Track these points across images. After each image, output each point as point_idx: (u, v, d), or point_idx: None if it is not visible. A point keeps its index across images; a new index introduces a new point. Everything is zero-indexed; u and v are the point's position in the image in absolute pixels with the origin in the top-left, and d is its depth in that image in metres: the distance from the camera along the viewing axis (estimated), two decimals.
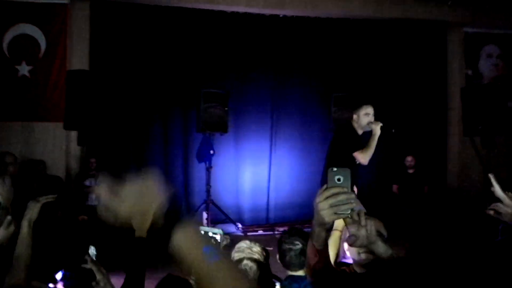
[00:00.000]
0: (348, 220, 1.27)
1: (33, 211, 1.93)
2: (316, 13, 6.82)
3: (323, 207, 1.18)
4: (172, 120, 6.53)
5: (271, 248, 2.60)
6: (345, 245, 2.30)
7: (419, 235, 5.02)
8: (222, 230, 1.63)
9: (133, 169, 6.31)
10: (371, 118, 4.09)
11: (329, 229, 1.34)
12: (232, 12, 6.63)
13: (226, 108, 5.99)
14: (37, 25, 5.98)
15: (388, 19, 7.10)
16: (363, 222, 1.28)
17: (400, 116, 6.77)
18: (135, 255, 2.36)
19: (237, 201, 6.74)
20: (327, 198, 1.18)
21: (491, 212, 2.49)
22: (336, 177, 1.19)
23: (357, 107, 4.20)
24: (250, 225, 6.49)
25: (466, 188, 6.85)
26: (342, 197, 1.17)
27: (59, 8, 6.03)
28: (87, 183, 5.55)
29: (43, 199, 1.99)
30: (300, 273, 2.30)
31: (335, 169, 1.21)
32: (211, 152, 5.75)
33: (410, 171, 6.72)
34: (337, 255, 2.49)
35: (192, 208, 6.38)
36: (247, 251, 2.18)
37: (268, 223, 6.67)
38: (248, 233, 6.10)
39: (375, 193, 6.79)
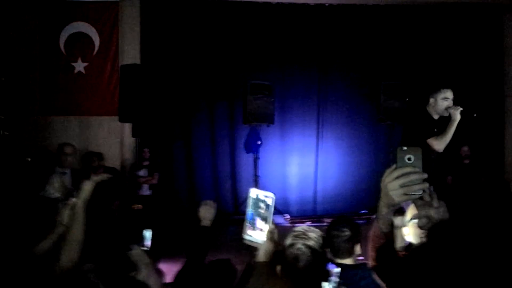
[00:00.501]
0: (419, 201, 1.22)
1: (86, 190, 1.93)
2: (363, 0, 6.65)
3: (393, 187, 1.13)
4: (219, 111, 6.64)
5: None
6: (405, 230, 2.23)
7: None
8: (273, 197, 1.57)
9: (182, 159, 6.50)
10: (450, 102, 3.86)
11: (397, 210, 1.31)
12: (277, 3, 6.60)
13: (272, 99, 5.99)
14: (91, 23, 6.26)
15: (440, 3, 6.80)
16: (436, 203, 1.22)
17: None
18: (200, 242, 2.43)
19: (284, 193, 6.73)
20: (397, 177, 1.12)
21: None
22: (407, 157, 1.14)
23: (435, 90, 4.01)
24: (297, 216, 6.46)
25: None
26: (413, 177, 1.11)
27: (110, 6, 6.27)
28: (140, 173, 5.73)
29: (97, 179, 2.00)
30: (348, 261, 2.26)
31: (405, 148, 1.15)
32: (258, 142, 5.78)
33: (466, 161, 6.44)
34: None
35: (239, 198, 6.45)
36: (302, 236, 2.17)
37: (315, 215, 6.61)
38: (296, 224, 6.08)
39: (429, 184, 6.55)
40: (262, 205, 1.49)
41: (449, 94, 3.87)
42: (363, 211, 6.45)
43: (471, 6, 6.89)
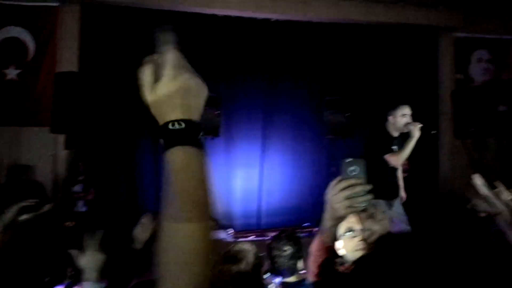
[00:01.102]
0: (363, 214, 1.21)
1: (7, 214, 1.85)
2: (308, 17, 6.82)
3: (338, 199, 1.12)
4: None
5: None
6: (338, 244, 2.23)
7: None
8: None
9: (122, 172, 6.24)
10: (408, 119, 4.01)
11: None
12: (224, 16, 6.60)
13: (218, 112, 5.93)
14: (26, 28, 5.91)
15: (380, 24, 7.12)
16: (380, 216, 1.22)
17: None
18: (125, 266, 2.27)
19: (228, 207, 6.65)
20: (341, 190, 1.12)
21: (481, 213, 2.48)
22: (351, 169, 1.14)
23: (393, 108, 4.13)
24: (241, 230, 6.40)
25: (459, 191, 6.83)
26: (358, 189, 1.11)
27: (48, 11, 5.96)
28: (75, 188, 5.44)
29: (22, 204, 1.92)
30: (292, 279, 2.23)
31: (349, 160, 1.15)
32: None
33: (404, 175, 6.67)
34: None
35: None
36: (234, 258, 2.08)
37: (259, 229, 6.58)
38: (239, 239, 6.01)
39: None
40: None
41: (407, 110, 4.04)
42: (306, 224, 6.50)
43: (410, 27, 7.29)
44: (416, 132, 3.84)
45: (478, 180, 2.76)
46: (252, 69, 6.86)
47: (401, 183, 4.51)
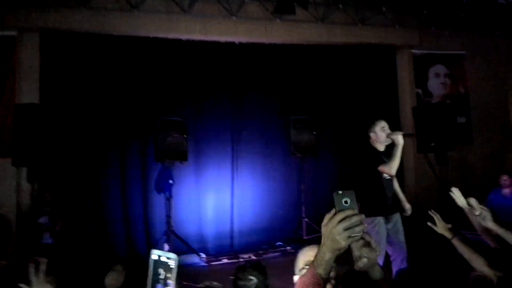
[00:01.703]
0: (359, 242, 1.24)
1: None
2: (271, 40, 6.96)
3: (338, 231, 1.16)
4: (129, 151, 6.35)
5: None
6: (295, 278, 2.25)
7: None
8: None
9: (89, 203, 6.08)
10: (387, 130, 4.16)
11: None
12: (188, 40, 6.65)
13: (185, 136, 5.91)
14: None
15: (340, 44, 7.35)
16: (373, 243, 1.26)
17: (356, 136, 6.93)
18: None
19: (201, 230, 6.60)
20: (339, 222, 1.16)
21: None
22: (343, 200, 1.19)
23: (370, 125, 4.27)
24: (214, 254, 6.34)
25: (424, 204, 7.05)
26: (355, 219, 1.16)
27: (6, 41, 5.83)
28: (41, 220, 5.26)
29: None
30: None
31: (340, 192, 1.20)
32: (170, 181, 5.62)
33: None
34: None
35: (152, 241, 6.18)
36: None
37: (232, 251, 6.55)
38: (212, 263, 5.96)
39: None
40: (161, 270, 1.36)
41: (383, 123, 4.19)
42: (278, 243, 6.51)
43: (369, 46, 7.56)
44: (399, 139, 4.00)
45: (456, 193, 2.89)
46: (218, 92, 6.90)
47: (401, 196, 4.52)
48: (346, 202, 1.18)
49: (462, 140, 7.67)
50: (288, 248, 6.38)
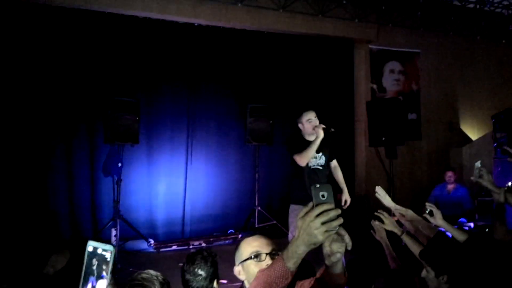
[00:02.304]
0: (335, 236, 1.21)
1: None
2: (231, 24, 6.83)
3: (316, 225, 1.13)
4: (78, 132, 6.03)
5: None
6: (238, 268, 2.20)
7: None
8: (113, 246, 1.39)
9: (34, 185, 5.74)
10: (315, 122, 4.13)
11: None
12: (145, 18, 6.38)
13: (137, 117, 5.69)
14: None
15: (300, 34, 7.35)
16: (347, 238, 1.23)
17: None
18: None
19: (151, 216, 6.43)
20: (317, 216, 1.13)
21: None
22: (321, 194, 1.16)
23: (298, 116, 4.23)
24: (164, 240, 6.21)
25: (374, 196, 7.27)
26: (332, 214, 1.14)
27: None
28: None
29: None
30: None
31: (318, 185, 1.17)
32: (119, 164, 5.40)
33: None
34: None
35: (100, 226, 5.96)
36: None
37: (183, 237, 6.45)
38: (161, 249, 5.84)
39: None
40: (96, 262, 1.26)
41: (310, 114, 4.16)
42: (230, 231, 6.49)
43: (328, 38, 7.61)
44: (320, 133, 4.02)
45: (380, 192, 2.96)
46: (175, 75, 6.70)
47: (342, 186, 4.34)
48: (323, 196, 1.16)
49: (412, 135, 7.95)
50: (240, 236, 6.37)
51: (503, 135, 5.13)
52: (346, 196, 4.26)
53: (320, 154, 4.20)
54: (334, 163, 4.41)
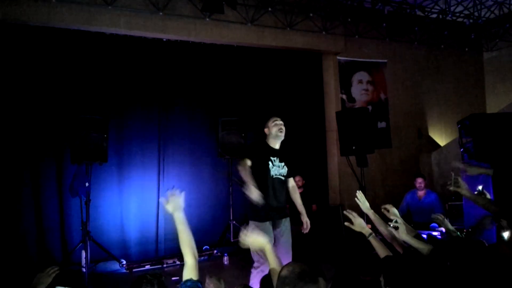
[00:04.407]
0: None
1: None
2: (199, 38, 6.82)
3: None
4: (44, 151, 5.87)
5: None
6: None
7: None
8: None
9: (1, 212, 5.52)
10: (280, 125, 4.05)
11: None
12: (111, 34, 6.31)
13: (105, 135, 5.57)
14: None
15: (270, 47, 7.41)
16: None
17: (286, 139, 7.01)
18: None
19: (123, 235, 6.28)
20: None
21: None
22: None
23: (265, 121, 4.15)
24: (136, 260, 6.05)
25: (348, 204, 7.33)
26: None
27: None
28: None
29: None
30: None
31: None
32: (86, 184, 5.25)
33: (299, 190, 6.95)
34: None
35: (69, 248, 5.77)
36: None
37: (157, 256, 6.31)
38: (134, 270, 5.68)
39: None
40: None
41: (276, 118, 4.09)
42: (205, 247, 6.38)
43: (297, 51, 7.70)
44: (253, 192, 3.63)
45: (360, 198, 3.02)
46: (144, 90, 6.62)
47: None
48: None
49: (382, 143, 8.08)
50: (215, 251, 6.28)
51: (469, 140, 5.26)
52: (305, 219, 4.04)
53: (283, 164, 4.02)
54: (291, 182, 4.22)
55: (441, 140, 9.21)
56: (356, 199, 3.06)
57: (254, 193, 3.55)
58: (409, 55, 9.03)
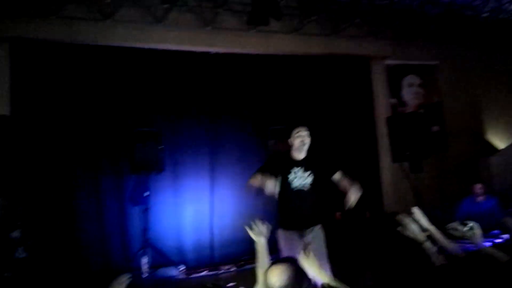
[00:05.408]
0: None
1: None
2: (246, 50, 6.98)
3: None
4: (104, 163, 6.22)
5: None
6: None
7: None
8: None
9: (63, 217, 5.91)
10: (304, 137, 4.02)
11: None
12: (162, 50, 6.60)
13: (160, 147, 5.83)
14: None
15: (315, 55, 7.43)
16: None
17: (334, 145, 6.99)
18: None
19: (180, 242, 6.48)
20: None
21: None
22: None
23: (290, 131, 4.18)
24: (194, 266, 6.23)
25: (403, 211, 7.12)
26: None
27: None
28: (13, 235, 5.09)
29: None
30: None
31: None
32: (146, 193, 5.50)
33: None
34: None
35: (130, 254, 6.04)
36: None
37: (213, 262, 6.45)
38: (192, 275, 5.86)
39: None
40: None
41: (300, 129, 4.06)
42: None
43: (343, 57, 7.67)
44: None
45: (417, 214, 2.93)
46: (195, 102, 6.85)
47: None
48: None
49: (436, 148, 7.82)
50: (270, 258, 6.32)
51: None
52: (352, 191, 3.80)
53: (308, 172, 3.93)
54: (337, 175, 4.12)
55: (500, 142, 8.75)
56: (413, 216, 2.96)
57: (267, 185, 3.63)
58: (462, 56, 8.70)
